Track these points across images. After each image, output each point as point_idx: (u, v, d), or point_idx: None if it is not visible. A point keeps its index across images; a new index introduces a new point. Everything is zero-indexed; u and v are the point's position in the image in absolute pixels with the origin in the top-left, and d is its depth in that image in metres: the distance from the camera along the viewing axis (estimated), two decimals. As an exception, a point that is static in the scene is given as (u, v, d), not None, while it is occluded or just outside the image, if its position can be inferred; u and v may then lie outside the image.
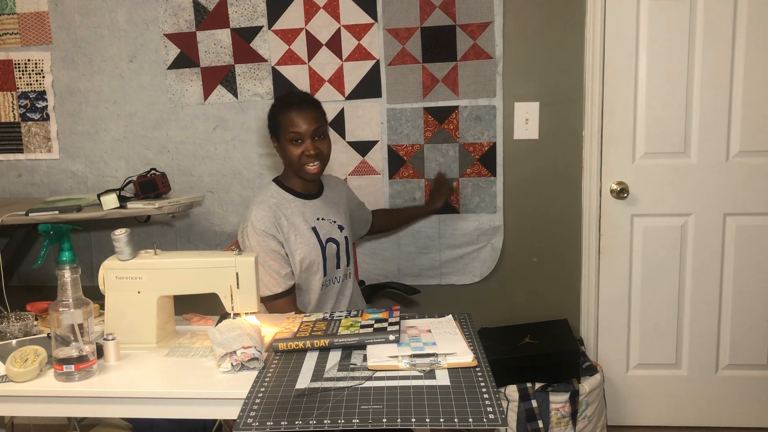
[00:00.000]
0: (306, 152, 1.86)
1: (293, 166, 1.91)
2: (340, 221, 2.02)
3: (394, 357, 1.37)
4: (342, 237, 2.00)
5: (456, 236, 2.50)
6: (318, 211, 1.97)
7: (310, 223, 1.93)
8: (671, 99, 2.38)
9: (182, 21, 2.48)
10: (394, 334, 1.47)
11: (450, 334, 1.53)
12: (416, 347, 1.43)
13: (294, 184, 1.97)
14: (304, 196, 1.97)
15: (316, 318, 1.65)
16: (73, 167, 2.61)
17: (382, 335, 1.47)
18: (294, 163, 1.89)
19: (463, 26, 2.38)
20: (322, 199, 2.02)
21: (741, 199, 2.41)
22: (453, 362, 1.36)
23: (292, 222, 1.90)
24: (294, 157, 1.88)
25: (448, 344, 1.44)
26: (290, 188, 1.97)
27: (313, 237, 1.91)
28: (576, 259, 2.51)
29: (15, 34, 2.55)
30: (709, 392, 2.52)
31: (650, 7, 2.33)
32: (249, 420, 1.17)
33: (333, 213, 2.02)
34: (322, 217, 1.97)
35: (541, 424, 2.21)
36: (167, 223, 2.60)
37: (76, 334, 1.36)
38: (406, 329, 1.56)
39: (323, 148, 1.91)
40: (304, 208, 1.95)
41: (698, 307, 2.48)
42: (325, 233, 1.95)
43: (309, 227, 1.92)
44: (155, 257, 1.59)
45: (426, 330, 1.56)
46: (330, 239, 1.95)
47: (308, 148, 1.86)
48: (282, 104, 1.93)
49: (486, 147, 2.45)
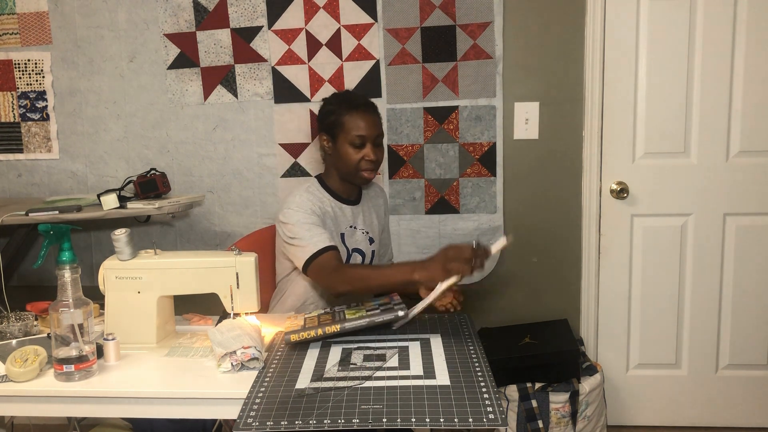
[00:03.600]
0: (366, 157, 1.82)
1: (347, 170, 1.84)
2: (372, 233, 1.97)
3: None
4: (370, 250, 1.94)
5: (456, 236, 2.50)
6: (352, 219, 1.92)
7: (339, 229, 1.88)
8: (671, 99, 2.38)
9: (182, 21, 2.48)
10: (402, 309, 1.52)
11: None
12: None
13: (335, 186, 1.91)
14: (342, 200, 1.91)
15: (318, 313, 1.66)
16: (73, 167, 2.61)
17: (390, 313, 1.51)
18: (351, 166, 1.83)
19: (463, 26, 2.38)
20: (360, 206, 1.96)
21: (741, 199, 2.41)
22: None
23: (325, 220, 1.84)
24: (353, 160, 1.82)
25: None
26: (330, 188, 1.91)
27: (340, 243, 1.86)
28: (576, 259, 2.51)
29: (15, 34, 2.55)
30: (709, 392, 2.52)
31: (650, 7, 2.33)
32: (249, 420, 1.17)
33: (367, 223, 1.97)
34: (354, 226, 1.92)
35: (541, 424, 2.21)
36: (167, 223, 2.60)
37: (76, 334, 1.36)
38: None
39: (380, 156, 1.87)
40: (340, 212, 1.90)
41: (698, 307, 2.48)
42: (353, 242, 1.90)
43: (338, 232, 1.87)
44: (155, 257, 1.59)
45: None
46: (356, 249, 1.91)
47: (369, 154, 1.82)
48: (348, 104, 1.84)
49: (486, 147, 2.45)
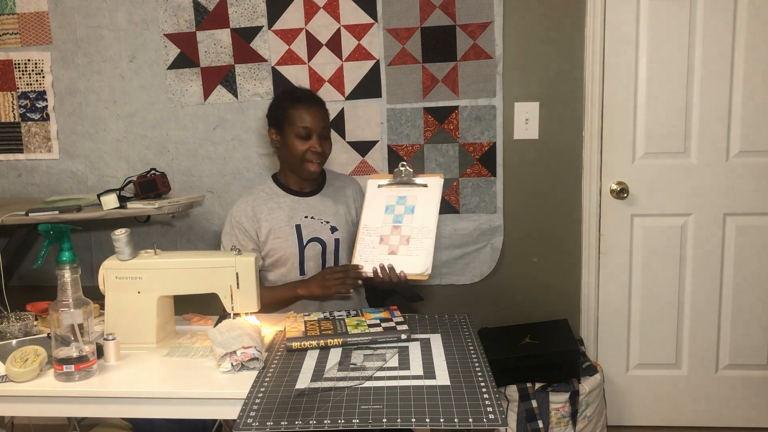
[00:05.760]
0: (312, 149, 1.88)
1: (294, 161, 1.92)
2: (335, 222, 1.99)
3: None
4: (332, 239, 1.97)
5: (456, 236, 2.50)
6: (309, 210, 1.96)
7: (295, 220, 1.94)
8: (671, 99, 2.38)
9: (182, 21, 2.48)
10: (405, 333, 1.53)
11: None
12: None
13: (288, 181, 1.99)
14: (295, 193, 1.98)
15: (317, 317, 1.66)
16: (73, 167, 2.61)
17: (393, 334, 1.52)
18: (296, 158, 1.90)
19: (463, 26, 2.38)
20: (318, 197, 2.01)
21: (741, 199, 2.41)
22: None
23: (275, 216, 1.93)
24: (298, 152, 1.89)
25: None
26: (284, 184, 1.99)
27: (292, 234, 1.92)
28: (576, 259, 2.51)
29: (15, 34, 2.55)
30: (709, 392, 2.52)
31: (650, 7, 2.33)
32: (249, 420, 1.17)
33: (329, 213, 1.99)
34: (311, 216, 1.96)
35: (541, 424, 2.21)
36: (167, 223, 2.60)
37: (76, 334, 1.36)
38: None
39: (326, 148, 1.93)
40: (294, 204, 1.96)
41: (698, 307, 2.48)
42: (309, 232, 1.94)
43: (292, 224, 1.93)
44: (155, 257, 1.59)
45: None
46: (314, 239, 1.94)
47: (314, 145, 1.88)
48: (292, 98, 1.93)
49: (486, 147, 2.45)
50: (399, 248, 1.78)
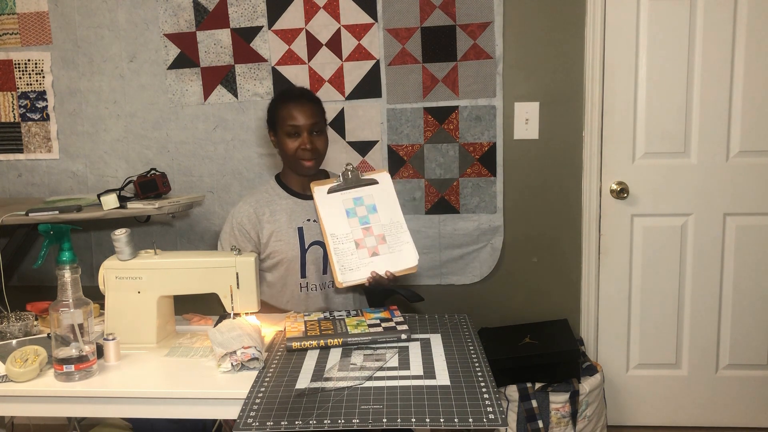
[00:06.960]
0: (302, 146, 1.88)
1: (288, 160, 1.93)
2: None
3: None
4: None
5: (456, 236, 2.50)
6: (311, 213, 1.94)
7: (297, 223, 1.92)
8: (671, 99, 2.38)
9: (182, 21, 2.48)
10: (405, 333, 1.53)
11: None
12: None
13: (290, 182, 1.98)
14: (298, 195, 1.97)
15: (317, 317, 1.66)
16: (73, 167, 2.61)
17: (393, 334, 1.52)
18: (289, 156, 1.90)
19: (463, 26, 2.38)
20: None
21: (741, 199, 2.41)
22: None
23: (277, 219, 1.92)
24: (290, 150, 1.89)
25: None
26: (287, 186, 1.98)
27: (294, 237, 1.91)
28: (576, 259, 2.51)
29: (15, 34, 2.55)
30: (709, 392, 2.52)
31: (650, 7, 2.33)
32: (249, 420, 1.17)
33: None
34: (314, 219, 1.93)
35: (541, 424, 2.21)
36: (167, 223, 2.60)
37: (76, 334, 1.36)
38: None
39: (319, 145, 1.91)
40: (296, 207, 1.95)
41: (698, 307, 2.48)
42: (311, 236, 1.92)
43: (294, 227, 1.92)
44: (155, 257, 1.59)
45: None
46: (316, 242, 1.92)
47: (304, 142, 1.88)
48: (281, 98, 1.95)
49: (486, 147, 2.45)
50: (379, 248, 1.79)
